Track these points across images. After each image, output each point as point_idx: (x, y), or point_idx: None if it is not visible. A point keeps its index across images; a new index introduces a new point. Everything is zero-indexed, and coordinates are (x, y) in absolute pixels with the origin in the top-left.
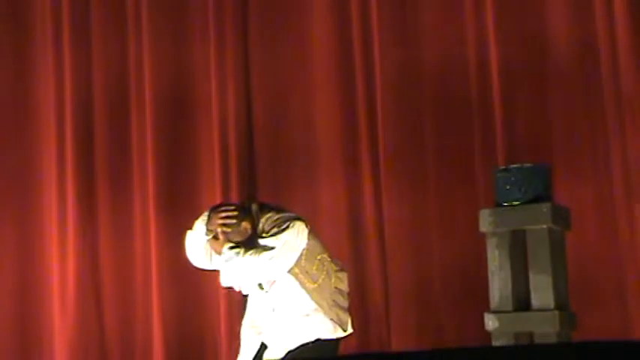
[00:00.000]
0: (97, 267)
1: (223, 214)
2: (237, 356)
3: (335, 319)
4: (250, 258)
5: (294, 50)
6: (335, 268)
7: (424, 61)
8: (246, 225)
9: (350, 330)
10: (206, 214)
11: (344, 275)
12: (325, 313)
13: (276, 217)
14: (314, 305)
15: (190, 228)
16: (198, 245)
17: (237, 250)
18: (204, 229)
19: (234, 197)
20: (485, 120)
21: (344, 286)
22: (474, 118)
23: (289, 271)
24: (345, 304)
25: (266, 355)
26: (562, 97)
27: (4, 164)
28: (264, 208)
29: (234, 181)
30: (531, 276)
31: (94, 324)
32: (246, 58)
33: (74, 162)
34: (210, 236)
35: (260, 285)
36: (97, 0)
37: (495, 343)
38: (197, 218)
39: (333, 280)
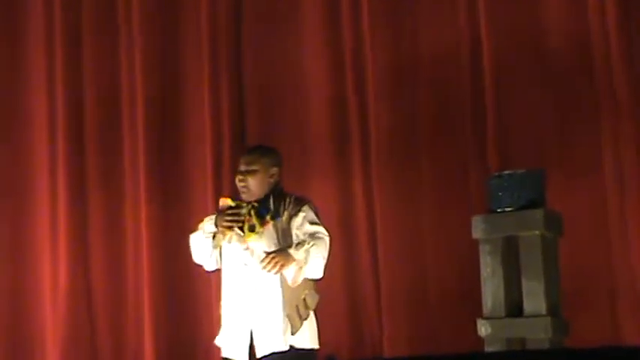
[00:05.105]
0: (88, 269)
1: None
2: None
3: (290, 317)
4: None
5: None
6: (314, 285)
7: (417, 67)
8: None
9: (311, 346)
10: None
11: (317, 297)
12: (286, 309)
13: (295, 196)
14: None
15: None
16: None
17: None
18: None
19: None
20: (478, 126)
21: (311, 303)
22: (466, 124)
23: None
24: (305, 315)
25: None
26: (556, 103)
27: None
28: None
29: (227, 185)
30: (524, 282)
31: (86, 327)
32: (238, 63)
33: (66, 164)
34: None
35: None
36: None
37: (488, 348)
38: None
39: (306, 292)
